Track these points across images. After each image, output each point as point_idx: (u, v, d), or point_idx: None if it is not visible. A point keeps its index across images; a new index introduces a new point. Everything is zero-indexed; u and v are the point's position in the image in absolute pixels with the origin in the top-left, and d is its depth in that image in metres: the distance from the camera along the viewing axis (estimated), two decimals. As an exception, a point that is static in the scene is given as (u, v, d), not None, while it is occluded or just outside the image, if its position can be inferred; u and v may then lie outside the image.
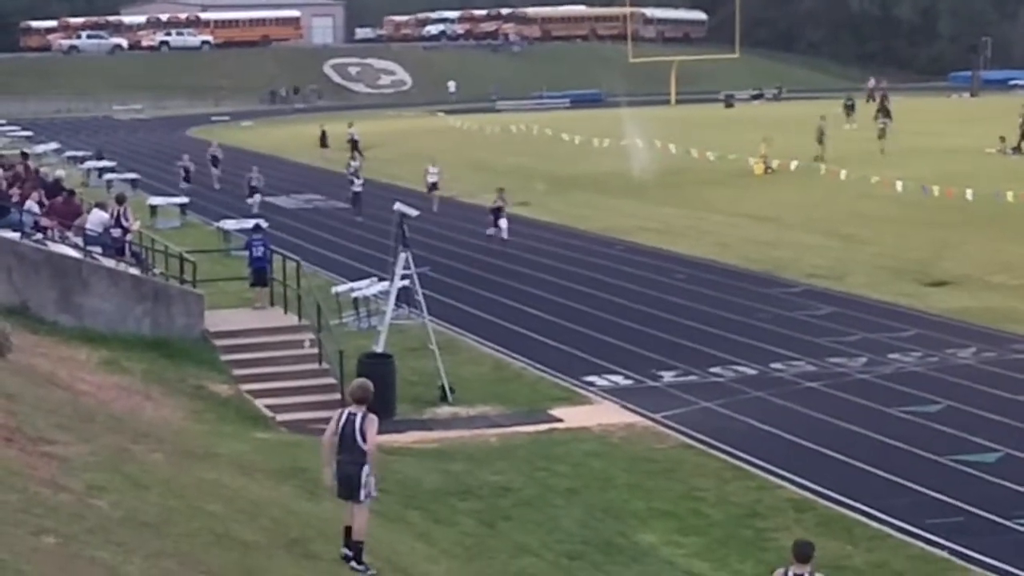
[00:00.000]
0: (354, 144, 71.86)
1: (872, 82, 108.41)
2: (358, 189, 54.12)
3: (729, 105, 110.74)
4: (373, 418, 15.28)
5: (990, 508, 20.94)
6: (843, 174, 57.00)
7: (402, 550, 17.65)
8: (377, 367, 26.37)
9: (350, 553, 15.39)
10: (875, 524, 20.55)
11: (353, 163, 59.74)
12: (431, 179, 55.95)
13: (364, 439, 15.11)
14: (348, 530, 15.44)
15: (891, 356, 30.38)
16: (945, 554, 19.45)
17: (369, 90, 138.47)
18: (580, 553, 19.38)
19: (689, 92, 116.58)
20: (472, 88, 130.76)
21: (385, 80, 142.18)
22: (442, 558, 17.94)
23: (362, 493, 15.23)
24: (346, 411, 15.37)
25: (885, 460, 23.29)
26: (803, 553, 14.03)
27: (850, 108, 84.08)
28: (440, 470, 22.61)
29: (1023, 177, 54.86)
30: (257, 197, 54.72)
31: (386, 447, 24.02)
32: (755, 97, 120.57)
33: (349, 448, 15.16)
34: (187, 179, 62.46)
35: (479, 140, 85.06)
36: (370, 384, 15.77)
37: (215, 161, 64.88)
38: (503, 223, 45.96)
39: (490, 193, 48.74)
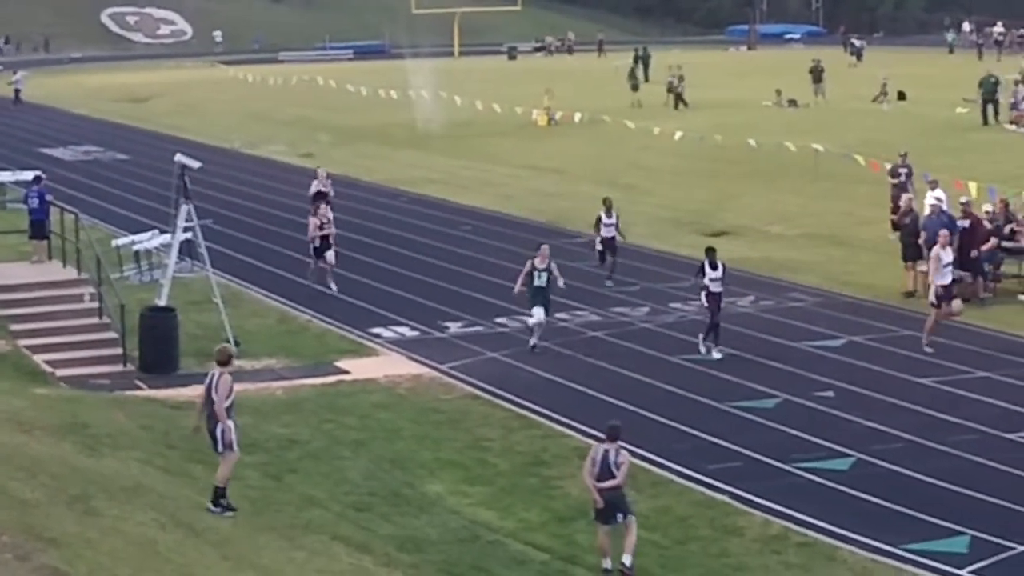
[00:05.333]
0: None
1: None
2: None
3: (512, 57, 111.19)
4: (226, 378, 17.30)
5: (768, 452, 21.42)
6: (627, 125, 57.62)
7: (186, 505, 17.43)
8: (160, 321, 26.00)
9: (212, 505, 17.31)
10: (658, 470, 20.88)
11: None
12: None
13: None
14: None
15: (673, 305, 30.85)
16: (726, 498, 19.85)
17: (148, 40, 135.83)
18: (367, 504, 19.38)
19: (473, 44, 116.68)
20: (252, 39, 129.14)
21: (165, 30, 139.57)
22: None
23: (219, 445, 17.27)
24: (212, 371, 17.46)
25: (667, 407, 23.68)
26: (613, 433, 17.40)
27: (642, 61, 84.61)
28: (225, 424, 22.32)
29: (799, 129, 56.13)
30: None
31: (171, 401, 23.75)
32: (538, 49, 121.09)
33: (208, 405, 17.29)
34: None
35: (262, 91, 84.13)
36: (228, 348, 18.52)
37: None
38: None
39: (274, 144, 48.23)
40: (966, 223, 30.78)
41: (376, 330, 28.95)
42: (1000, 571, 17.35)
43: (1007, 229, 31.38)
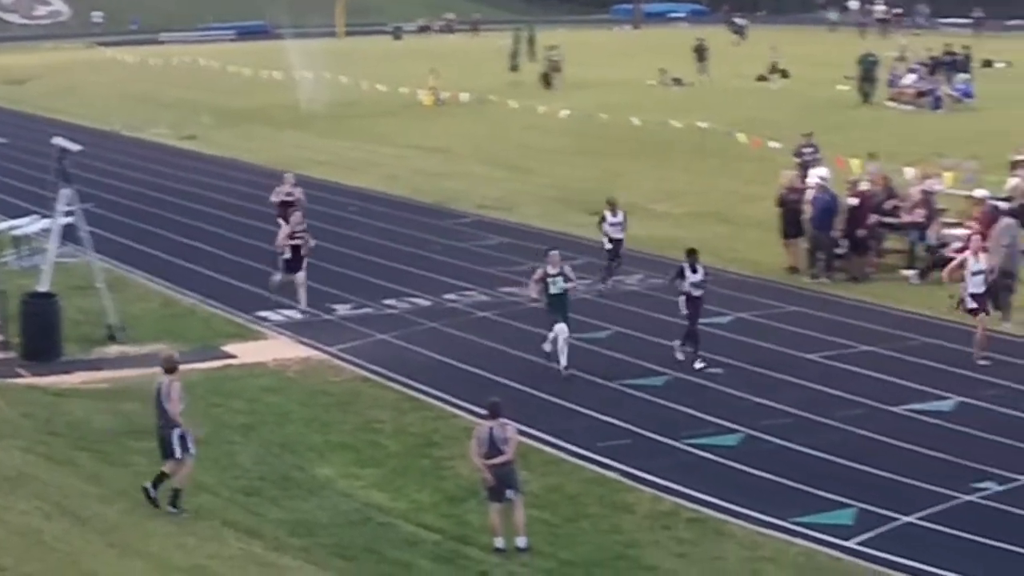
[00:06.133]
0: None
1: None
2: None
3: (397, 37, 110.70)
4: (176, 385, 17.56)
5: (658, 430, 21.53)
6: (511, 105, 57.62)
7: (72, 493, 17.20)
8: (41, 307, 25.59)
9: (152, 490, 17.43)
10: (549, 449, 20.91)
11: None
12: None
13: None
14: (162, 474, 17.53)
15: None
16: (616, 476, 19.93)
17: (25, 20, 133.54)
18: (257, 489, 19.23)
19: (357, 24, 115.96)
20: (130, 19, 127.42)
21: (41, 11, 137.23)
22: (116, 499, 17.54)
23: (176, 451, 17.46)
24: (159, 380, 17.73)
25: (558, 386, 23.70)
26: (494, 410, 17.43)
27: (527, 41, 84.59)
28: (111, 410, 22.08)
29: (684, 107, 56.46)
30: None
31: (53, 388, 23.41)
32: (423, 29, 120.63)
33: (161, 413, 17.57)
34: None
35: (142, 73, 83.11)
36: (173, 355, 18.59)
37: None
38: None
39: (156, 126, 47.69)
40: (855, 201, 31.13)
41: (263, 313, 28.70)
42: (885, 542, 17.57)
43: (889, 205, 31.75)
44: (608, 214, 30.55)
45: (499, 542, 17.42)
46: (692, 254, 25.02)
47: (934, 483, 19.25)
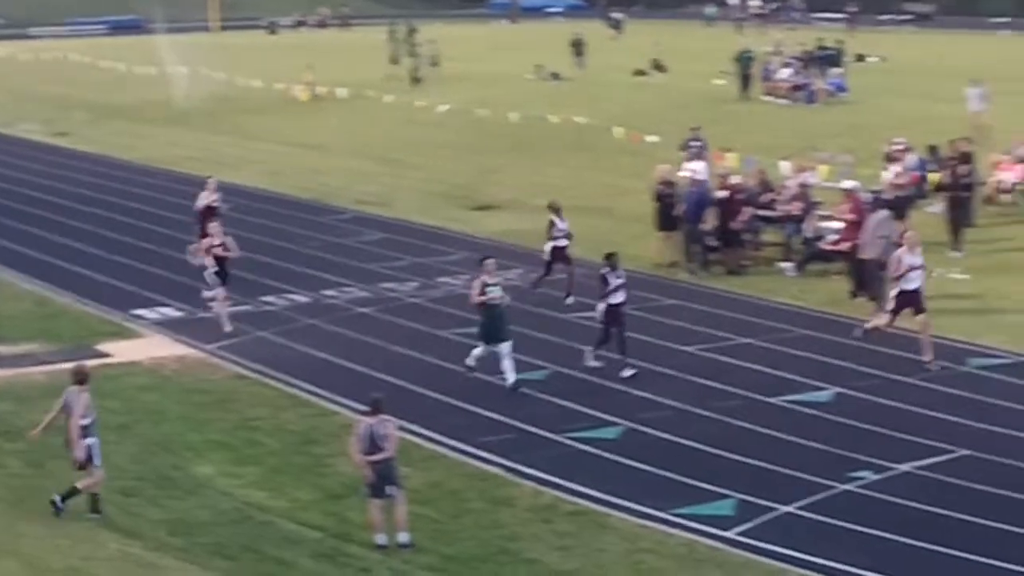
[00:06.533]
0: None
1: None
2: None
3: (272, 32, 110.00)
4: (84, 397, 17.52)
5: (539, 424, 21.54)
6: (387, 100, 57.41)
7: (-56, 497, 16.88)
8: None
9: (59, 500, 17.48)
10: (430, 445, 20.85)
11: None
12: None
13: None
14: (75, 488, 17.62)
15: (441, 279, 30.84)
16: (497, 470, 19.91)
17: None
18: (135, 489, 18.99)
19: (232, 19, 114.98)
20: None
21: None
22: (-12, 502, 17.24)
23: (93, 460, 17.55)
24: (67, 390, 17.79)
25: (439, 382, 23.66)
26: (376, 406, 17.36)
27: (406, 35, 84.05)
28: (-17, 411, 21.70)
29: (562, 102, 56.67)
30: None
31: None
32: (298, 24, 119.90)
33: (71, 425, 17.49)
34: None
35: (11, 68, 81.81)
36: (85, 366, 18.41)
37: None
38: None
39: (27, 123, 46.97)
40: (724, 194, 31.37)
41: (139, 311, 28.35)
42: (765, 531, 17.72)
43: (765, 198, 32.04)
44: (555, 219, 29.18)
45: (380, 538, 17.35)
46: (611, 257, 24.27)
47: (812, 473, 19.45)
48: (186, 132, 55.21)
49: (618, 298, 23.87)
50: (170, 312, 28.30)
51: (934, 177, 34.24)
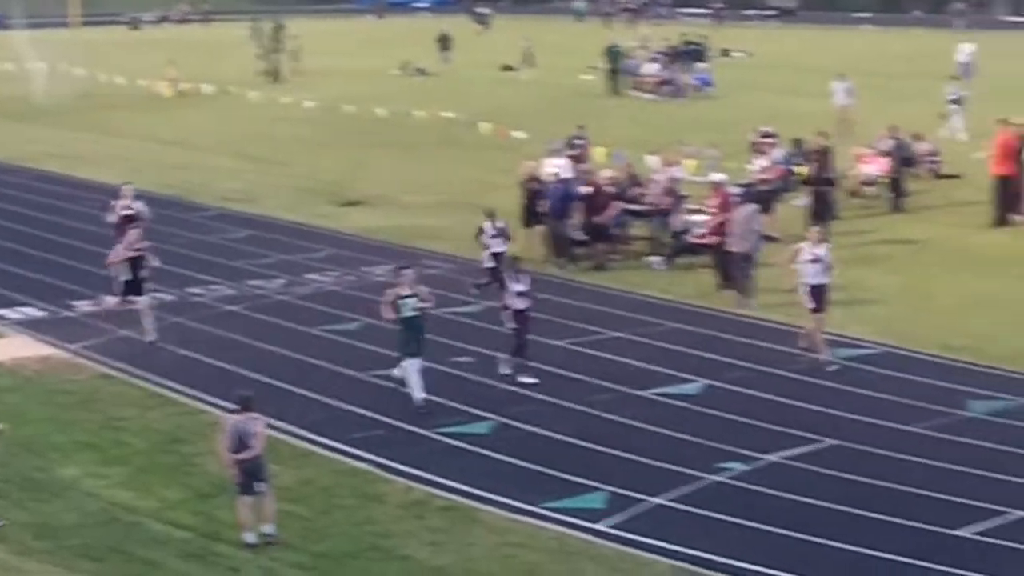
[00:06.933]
0: None
1: None
2: None
3: (135, 27, 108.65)
4: None
5: (410, 420, 21.44)
6: (252, 96, 56.94)
7: None
8: None
9: None
10: (300, 442, 20.68)
11: None
12: None
13: None
14: None
15: (309, 276, 30.64)
16: (368, 467, 19.80)
17: None
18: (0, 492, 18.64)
19: (92, 14, 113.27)
20: None
21: None
22: None
23: None
24: None
25: (308, 379, 23.48)
26: (245, 403, 17.23)
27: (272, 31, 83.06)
28: None
29: (429, 98, 56.58)
30: None
31: None
32: (161, 19, 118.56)
33: None
34: None
35: None
36: None
37: None
38: None
39: None
40: (589, 190, 31.46)
41: (1, 312, 27.81)
42: (636, 524, 17.78)
43: (634, 193, 32.18)
44: (487, 225, 28.37)
45: (249, 537, 17.17)
46: (515, 262, 24.13)
47: (682, 465, 19.56)
48: (45, 129, 54.33)
49: (522, 303, 23.33)
50: (33, 312, 27.80)
51: (802, 170, 34.60)
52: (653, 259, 31.25)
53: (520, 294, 23.36)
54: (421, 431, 21.09)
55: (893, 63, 69.39)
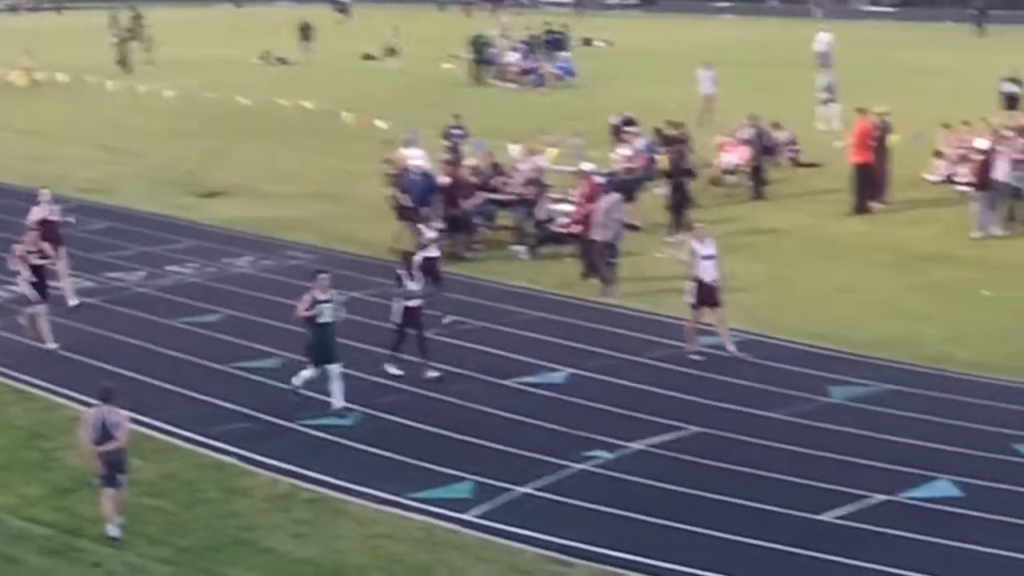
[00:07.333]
0: None
1: None
2: None
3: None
4: None
5: (275, 412, 21.29)
6: (109, 85, 56.16)
7: None
8: None
9: None
10: (162, 436, 20.44)
11: None
12: None
13: None
14: None
15: (169, 268, 30.30)
16: (233, 460, 19.62)
17: None
18: None
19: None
20: None
21: None
22: None
23: None
24: None
25: (169, 372, 23.20)
26: (106, 395, 17.06)
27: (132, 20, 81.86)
28: None
29: (290, 87, 56.21)
30: None
31: None
32: (13, 8, 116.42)
33: None
34: None
35: None
36: None
37: None
38: None
39: None
40: (447, 180, 31.40)
41: None
42: (503, 513, 17.82)
43: (497, 182, 32.20)
44: (423, 228, 26.75)
45: (112, 530, 16.96)
46: (409, 256, 23.79)
47: (548, 454, 19.62)
48: None
49: (414, 302, 23.05)
50: None
51: (664, 160, 34.83)
52: (517, 248, 31.30)
53: (413, 294, 23.09)
54: (286, 424, 20.94)
55: (753, 52, 70.11)
